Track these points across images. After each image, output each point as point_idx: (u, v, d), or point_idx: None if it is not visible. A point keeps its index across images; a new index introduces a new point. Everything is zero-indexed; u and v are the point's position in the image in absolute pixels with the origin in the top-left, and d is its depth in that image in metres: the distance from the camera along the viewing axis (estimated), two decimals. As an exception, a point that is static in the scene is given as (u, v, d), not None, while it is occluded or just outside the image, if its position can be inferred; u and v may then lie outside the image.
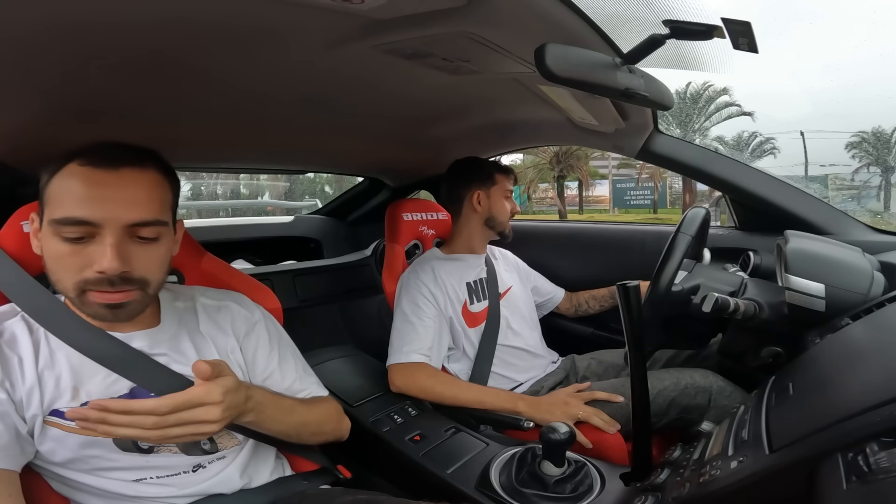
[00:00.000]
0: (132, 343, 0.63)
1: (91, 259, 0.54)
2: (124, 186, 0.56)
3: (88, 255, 0.55)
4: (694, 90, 17.58)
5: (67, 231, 0.54)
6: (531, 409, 0.98)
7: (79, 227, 0.54)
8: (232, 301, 0.75)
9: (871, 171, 17.24)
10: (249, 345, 0.73)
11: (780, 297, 0.75)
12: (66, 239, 0.54)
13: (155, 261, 0.59)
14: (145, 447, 0.62)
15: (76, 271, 0.55)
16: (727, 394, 0.91)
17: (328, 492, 0.73)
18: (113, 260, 0.54)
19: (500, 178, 1.25)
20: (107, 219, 0.54)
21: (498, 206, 1.24)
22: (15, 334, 0.59)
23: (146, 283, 0.59)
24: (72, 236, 0.54)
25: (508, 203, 1.26)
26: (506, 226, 1.26)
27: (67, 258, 0.55)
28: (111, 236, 0.54)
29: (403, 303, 1.14)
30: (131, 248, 0.56)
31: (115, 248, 0.54)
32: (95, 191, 0.54)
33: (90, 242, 0.55)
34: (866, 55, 43.61)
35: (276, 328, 0.79)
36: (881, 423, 0.38)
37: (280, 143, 1.21)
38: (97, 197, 0.54)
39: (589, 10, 0.62)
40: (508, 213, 1.26)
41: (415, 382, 1.06)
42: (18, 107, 0.73)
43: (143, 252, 0.58)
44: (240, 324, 0.73)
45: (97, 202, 0.54)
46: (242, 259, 1.66)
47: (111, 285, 0.55)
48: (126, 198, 0.56)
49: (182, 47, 0.63)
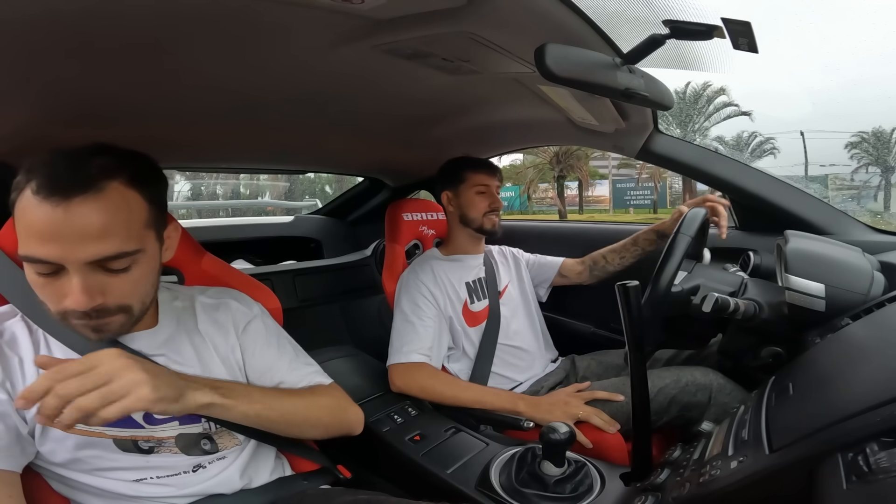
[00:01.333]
0: (132, 345, 0.63)
1: (63, 291, 0.52)
2: (75, 222, 0.49)
3: (60, 287, 0.52)
4: (693, 90, 17.60)
5: (35, 269, 0.52)
6: (531, 409, 0.98)
7: (43, 265, 0.51)
8: (230, 298, 0.75)
9: (871, 171, 17.25)
10: (248, 340, 0.73)
11: (780, 297, 0.75)
12: (38, 273, 0.52)
13: (131, 287, 0.55)
14: (145, 447, 0.62)
15: (54, 302, 0.53)
16: (727, 391, 0.91)
17: (328, 492, 0.73)
18: (80, 297, 0.51)
19: (469, 174, 1.21)
20: (65, 258, 0.50)
21: (468, 204, 1.21)
22: (15, 335, 0.59)
23: (126, 308, 0.56)
24: (41, 272, 0.52)
25: (483, 198, 1.20)
26: (481, 222, 1.20)
27: (42, 289, 0.53)
28: (75, 275, 0.51)
29: (403, 303, 1.14)
30: (102, 279, 0.53)
31: (81, 286, 0.51)
32: (49, 228, 0.49)
33: (61, 275, 0.52)
34: (866, 55, 43.63)
35: (274, 324, 0.79)
36: (881, 423, 0.38)
37: (280, 143, 1.21)
38: (51, 236, 0.49)
39: (589, 10, 0.62)
40: (482, 208, 1.20)
41: (415, 382, 1.06)
42: (18, 107, 0.73)
43: (116, 282, 0.54)
44: (239, 319, 0.73)
45: (52, 241, 0.49)
46: (242, 259, 1.66)
47: (89, 318, 0.53)
48: (79, 235, 0.50)
49: (182, 47, 0.63)
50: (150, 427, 0.62)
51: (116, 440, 0.60)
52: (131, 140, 0.63)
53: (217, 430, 0.67)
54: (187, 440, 0.65)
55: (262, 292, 0.87)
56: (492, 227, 1.22)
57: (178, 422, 0.64)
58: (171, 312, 0.68)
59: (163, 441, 0.63)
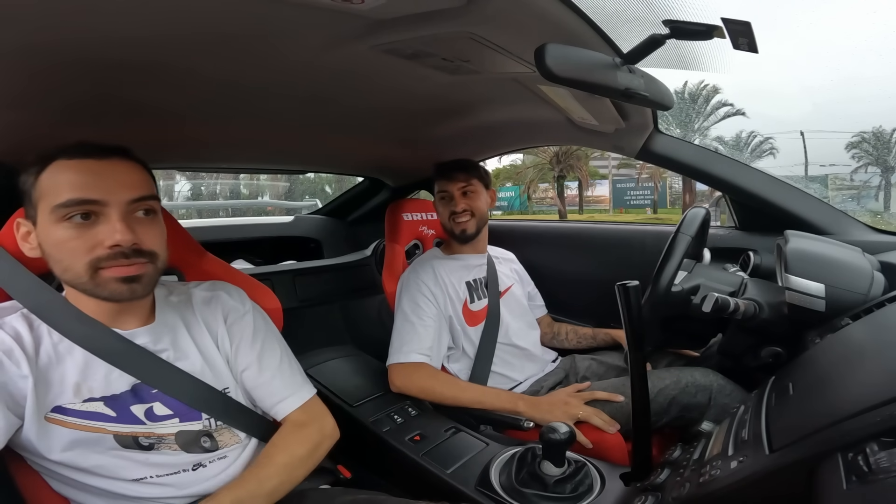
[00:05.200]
0: (136, 340, 0.64)
1: (99, 238, 0.57)
2: (117, 171, 0.60)
3: (95, 234, 0.57)
4: (691, 89, 17.60)
5: (74, 211, 0.56)
6: (531, 408, 0.98)
7: (85, 205, 0.56)
8: (223, 291, 0.76)
9: (871, 171, 17.24)
10: (235, 334, 0.73)
11: (780, 297, 0.75)
12: (72, 223, 0.56)
13: (158, 234, 0.63)
14: (145, 443, 0.62)
15: (86, 251, 0.57)
16: (727, 392, 0.91)
17: (328, 492, 0.73)
18: (126, 232, 0.57)
19: (436, 182, 1.23)
20: (110, 197, 0.57)
21: (438, 211, 1.24)
22: (16, 329, 0.59)
23: (156, 256, 0.62)
24: (78, 218, 0.56)
25: (444, 204, 1.22)
26: (451, 227, 1.21)
27: (75, 241, 0.57)
28: (117, 212, 0.58)
29: (404, 302, 1.14)
30: (135, 222, 0.60)
31: (124, 223, 0.57)
32: (93, 177, 0.58)
33: (96, 223, 0.57)
34: (866, 55, 43.63)
35: (266, 323, 0.79)
36: (881, 423, 0.38)
37: (280, 143, 1.21)
38: (96, 181, 0.58)
39: (589, 10, 0.62)
40: (445, 214, 1.21)
41: (414, 382, 1.06)
42: (19, 107, 0.73)
43: (145, 226, 0.61)
44: (228, 311, 0.74)
45: (97, 185, 0.57)
46: (242, 259, 1.66)
47: (125, 258, 0.58)
48: (122, 180, 0.59)
49: (181, 47, 0.63)
50: (150, 423, 0.63)
51: (117, 436, 0.60)
52: (131, 140, 0.63)
53: (217, 427, 0.67)
54: (187, 437, 0.65)
55: (262, 292, 0.87)
56: (460, 231, 1.20)
57: (179, 418, 0.65)
58: (168, 307, 0.69)
59: (163, 438, 0.63)
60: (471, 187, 1.21)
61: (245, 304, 0.77)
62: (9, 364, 0.56)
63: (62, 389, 0.59)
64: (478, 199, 1.21)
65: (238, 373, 0.73)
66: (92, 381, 0.60)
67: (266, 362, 0.74)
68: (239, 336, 0.73)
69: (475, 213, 1.21)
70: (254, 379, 0.73)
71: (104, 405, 0.60)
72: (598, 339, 1.32)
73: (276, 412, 0.73)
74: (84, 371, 0.60)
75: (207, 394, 0.67)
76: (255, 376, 0.73)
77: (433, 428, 0.94)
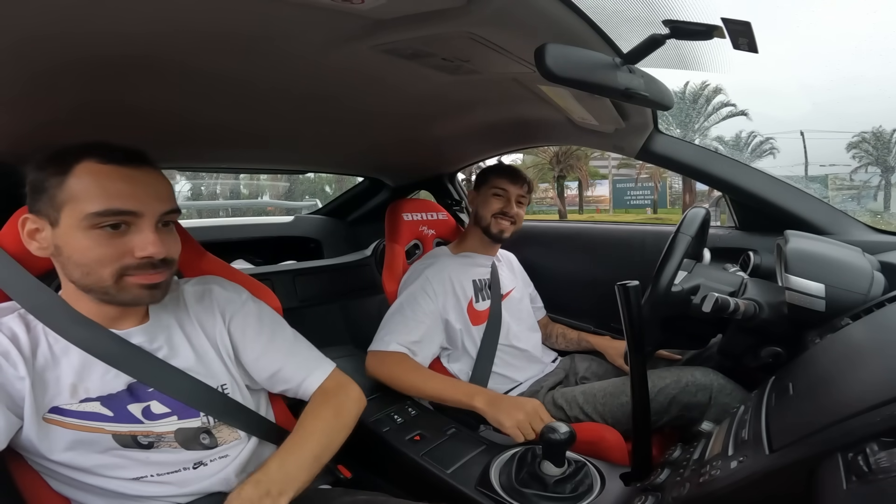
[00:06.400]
0: (132, 339, 0.64)
1: (129, 247, 0.58)
2: (151, 182, 0.61)
3: (126, 243, 0.58)
4: (692, 90, 17.59)
5: (108, 220, 0.57)
6: (488, 405, 0.91)
7: (121, 216, 0.58)
8: (215, 284, 0.76)
9: (871, 171, 17.23)
10: (237, 326, 0.73)
11: (780, 297, 0.75)
12: (103, 231, 0.57)
13: (176, 242, 0.65)
14: (145, 442, 0.62)
15: (114, 259, 0.58)
16: (728, 392, 0.91)
17: (328, 492, 0.73)
18: (158, 245, 0.59)
19: (492, 178, 1.24)
20: (146, 208, 0.59)
21: (483, 202, 1.24)
22: (13, 330, 0.59)
23: (173, 263, 0.64)
24: (109, 228, 0.57)
25: (497, 200, 1.22)
26: (489, 222, 1.22)
27: (104, 248, 0.57)
28: (150, 224, 0.60)
29: (403, 294, 1.15)
30: (162, 233, 0.62)
31: (157, 235, 0.60)
32: (128, 187, 0.59)
33: (126, 232, 0.59)
34: (866, 55, 43.60)
35: (265, 308, 0.79)
36: (881, 423, 0.38)
37: (280, 143, 1.21)
38: (132, 191, 0.59)
39: (589, 10, 0.62)
40: (493, 209, 1.21)
41: (384, 369, 1.04)
42: (20, 107, 0.73)
43: (168, 236, 0.63)
44: (225, 305, 0.74)
45: (134, 195, 0.59)
46: (242, 259, 1.66)
47: (153, 268, 0.60)
48: (156, 191, 0.61)
49: (181, 47, 0.63)
50: (148, 422, 0.63)
51: (115, 435, 0.60)
52: (132, 140, 0.63)
53: (215, 423, 0.67)
54: (186, 434, 0.65)
55: (262, 292, 0.87)
56: (498, 230, 1.22)
57: (177, 416, 0.65)
58: (161, 306, 0.69)
59: (162, 436, 0.63)
60: (525, 199, 1.26)
61: (241, 294, 0.77)
62: (6, 366, 0.56)
63: (59, 390, 0.59)
64: (523, 211, 1.26)
65: (250, 364, 0.73)
66: (88, 381, 0.60)
67: (279, 344, 0.75)
68: (243, 327, 0.73)
69: (517, 222, 1.24)
70: (270, 364, 0.73)
71: (101, 405, 0.60)
72: (581, 345, 1.35)
73: (303, 391, 0.75)
74: (80, 372, 0.60)
75: (203, 392, 0.67)
76: (271, 362, 0.73)
77: (433, 428, 0.94)
